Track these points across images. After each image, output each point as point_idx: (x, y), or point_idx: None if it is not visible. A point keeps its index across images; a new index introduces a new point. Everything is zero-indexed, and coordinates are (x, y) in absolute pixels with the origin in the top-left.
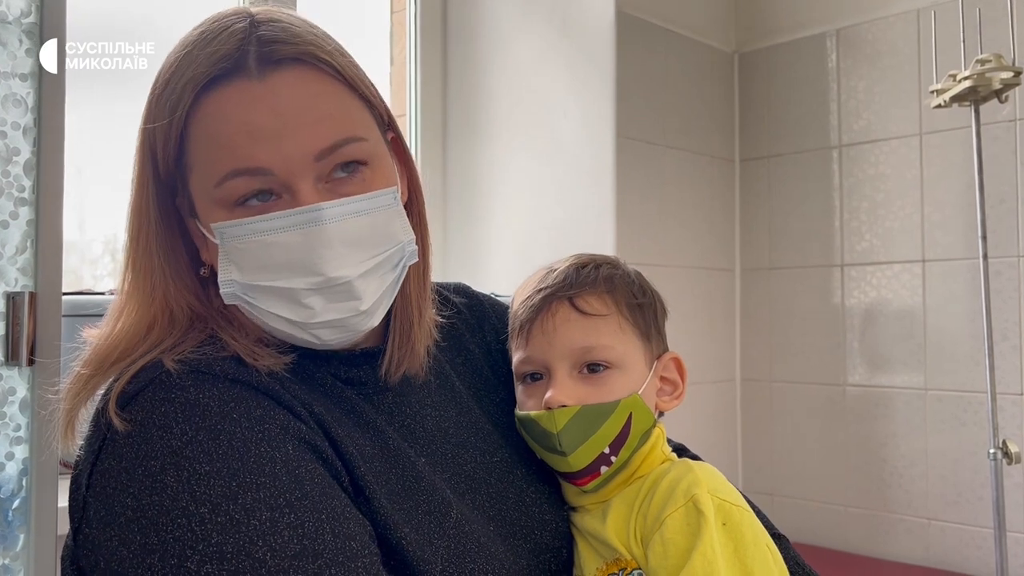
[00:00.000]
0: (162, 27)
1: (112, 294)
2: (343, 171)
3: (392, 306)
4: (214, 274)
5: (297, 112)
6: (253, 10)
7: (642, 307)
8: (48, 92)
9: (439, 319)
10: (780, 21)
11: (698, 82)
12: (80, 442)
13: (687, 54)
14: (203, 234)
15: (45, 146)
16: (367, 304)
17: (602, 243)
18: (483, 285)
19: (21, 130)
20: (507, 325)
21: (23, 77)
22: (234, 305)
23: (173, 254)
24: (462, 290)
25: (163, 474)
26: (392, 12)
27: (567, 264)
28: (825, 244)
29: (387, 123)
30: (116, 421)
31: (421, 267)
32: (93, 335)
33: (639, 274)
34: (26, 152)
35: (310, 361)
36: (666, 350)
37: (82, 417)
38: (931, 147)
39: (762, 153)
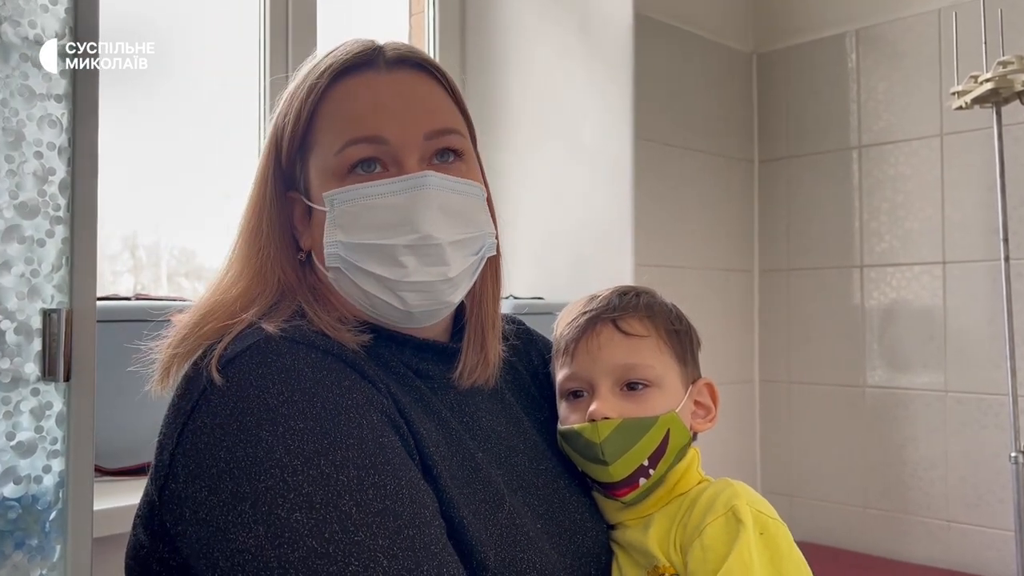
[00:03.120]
0: (162, 27)
1: (138, 299)
2: (442, 158)
3: (467, 312)
4: (310, 259)
5: (415, 98)
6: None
7: (679, 333)
8: (82, 112)
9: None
10: (799, 21)
11: (717, 83)
12: (170, 392)
13: (705, 55)
14: (308, 219)
15: (79, 165)
16: (454, 272)
17: (621, 245)
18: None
19: (56, 150)
20: (551, 351)
21: (58, 98)
22: (322, 283)
23: (280, 231)
24: (510, 318)
25: (258, 428)
26: (411, 15)
27: (610, 291)
28: (844, 245)
29: (475, 147)
30: (216, 378)
31: (495, 285)
32: (182, 318)
33: (675, 306)
34: (61, 172)
35: (385, 348)
36: (700, 376)
37: (174, 369)
38: (952, 148)
39: (781, 154)
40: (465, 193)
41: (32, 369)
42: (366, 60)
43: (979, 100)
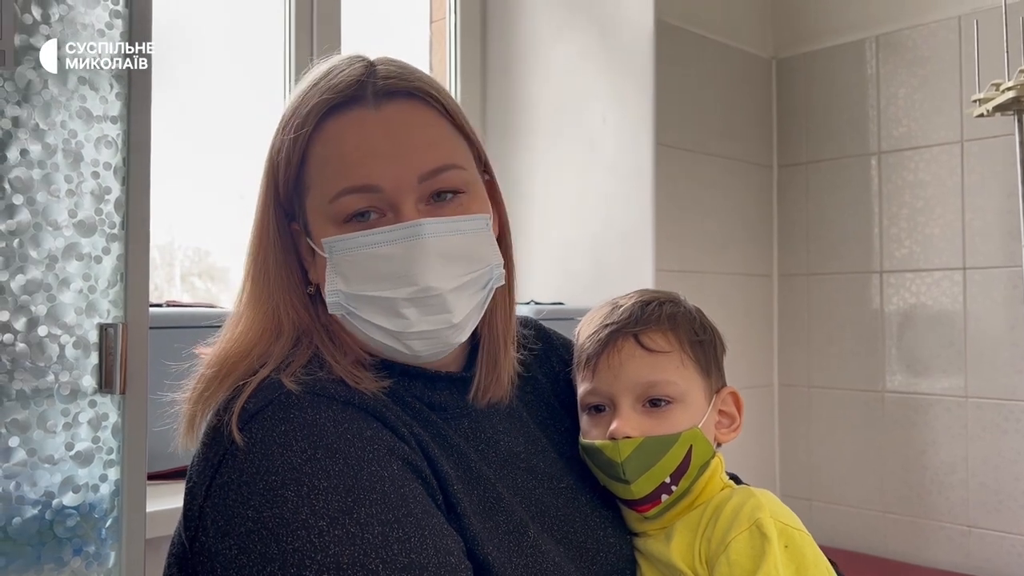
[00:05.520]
0: (162, 27)
1: (169, 306)
2: (442, 197)
3: (479, 335)
4: (319, 292)
5: (407, 137)
6: (371, 56)
7: (703, 344)
8: (136, 132)
9: (518, 356)
10: (819, 27)
11: (736, 88)
12: (196, 446)
13: (725, 61)
14: (313, 254)
15: (133, 184)
16: (458, 318)
17: (641, 250)
18: (522, 293)
19: (112, 170)
20: (572, 356)
21: (113, 120)
22: (335, 322)
23: (287, 270)
24: (530, 323)
25: (283, 488)
26: (431, 22)
27: (632, 301)
28: (864, 250)
29: (484, 165)
30: (238, 437)
31: (507, 303)
32: (205, 352)
33: (700, 311)
34: (116, 190)
35: (399, 385)
36: (724, 384)
37: (198, 421)
38: (972, 154)
39: (800, 159)
40: (466, 231)
41: (89, 382)
42: (352, 96)
43: (1001, 108)
